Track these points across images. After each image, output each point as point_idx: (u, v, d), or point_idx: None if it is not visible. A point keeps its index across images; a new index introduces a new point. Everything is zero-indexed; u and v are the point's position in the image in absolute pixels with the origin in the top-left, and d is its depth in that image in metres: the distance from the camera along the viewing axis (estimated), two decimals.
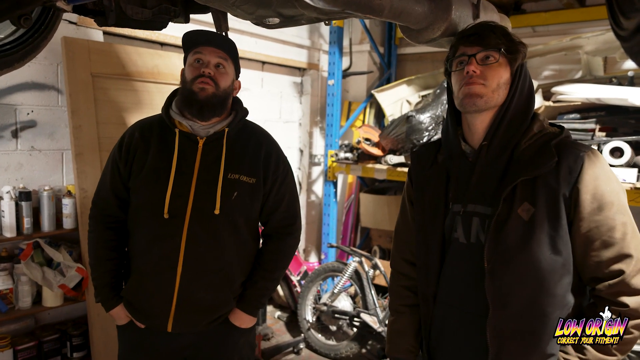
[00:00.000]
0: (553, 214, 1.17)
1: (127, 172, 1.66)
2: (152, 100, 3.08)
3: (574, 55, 3.45)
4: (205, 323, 1.65)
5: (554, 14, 3.70)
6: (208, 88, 1.56)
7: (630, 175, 2.55)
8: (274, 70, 4.25)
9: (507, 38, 1.23)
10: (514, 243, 1.19)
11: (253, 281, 1.71)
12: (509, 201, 1.21)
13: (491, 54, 1.22)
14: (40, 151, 2.77)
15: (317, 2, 1.02)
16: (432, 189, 1.39)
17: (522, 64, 1.27)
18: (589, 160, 1.17)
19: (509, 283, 1.20)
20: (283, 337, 3.81)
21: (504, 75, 1.23)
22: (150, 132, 1.68)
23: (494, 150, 1.27)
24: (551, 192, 1.18)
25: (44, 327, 2.80)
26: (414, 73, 4.34)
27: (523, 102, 1.27)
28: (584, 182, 1.16)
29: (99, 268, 1.70)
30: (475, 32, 1.25)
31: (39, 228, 2.65)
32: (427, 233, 1.39)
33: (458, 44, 1.28)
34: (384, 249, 4.32)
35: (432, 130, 3.25)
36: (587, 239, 1.18)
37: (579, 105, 3.01)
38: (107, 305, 1.69)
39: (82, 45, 2.76)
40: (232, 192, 1.61)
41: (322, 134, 4.65)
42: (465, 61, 1.25)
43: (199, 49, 1.60)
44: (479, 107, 1.24)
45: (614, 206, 1.16)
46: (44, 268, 2.62)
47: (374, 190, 4.42)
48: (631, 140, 2.64)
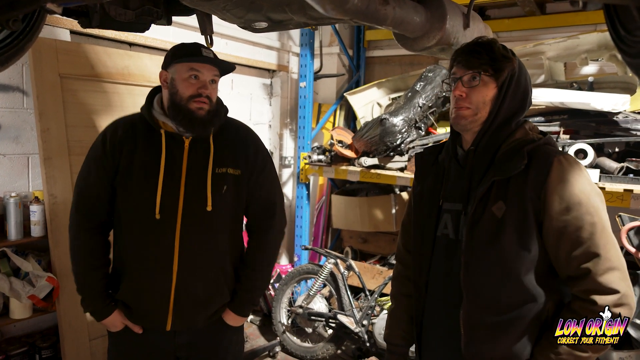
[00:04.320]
0: (522, 213, 1.27)
1: (114, 169, 1.62)
2: (122, 102, 2.99)
3: (537, 61, 3.60)
4: (203, 319, 1.68)
5: (516, 20, 3.85)
6: (205, 107, 1.60)
7: (593, 175, 2.69)
8: (244, 72, 4.21)
9: (491, 57, 1.33)
10: (486, 238, 1.30)
11: (242, 282, 1.74)
12: (485, 200, 1.31)
13: (476, 75, 1.33)
14: (4, 156, 2.63)
15: (329, 12, 1.03)
16: (429, 187, 1.51)
17: (512, 75, 1.34)
18: (558, 163, 1.26)
19: (479, 275, 1.31)
20: (257, 340, 3.79)
21: (489, 93, 1.34)
22: (134, 131, 1.65)
23: (478, 155, 1.37)
24: (521, 193, 1.27)
25: (10, 341, 2.67)
26: (382, 75, 4.41)
27: (512, 109, 1.35)
28: (552, 184, 1.25)
29: (88, 278, 1.66)
30: (462, 54, 1.36)
31: (5, 236, 2.52)
32: (422, 228, 1.50)
33: (452, 64, 1.40)
34: (355, 250, 4.37)
35: (405, 133, 3.32)
36: (558, 239, 1.26)
37: (543, 108, 3.15)
38: (100, 314, 1.66)
39: (50, 44, 2.65)
40: (222, 186, 1.65)
41: (292, 136, 4.64)
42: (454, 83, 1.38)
43: (197, 66, 1.58)
44: (465, 127, 1.38)
45: (582, 206, 1.23)
46: (11, 278, 2.49)
47: (345, 191, 4.46)
48: (593, 142, 2.80)
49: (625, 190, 2.54)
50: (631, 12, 0.97)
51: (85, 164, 1.68)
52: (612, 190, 2.58)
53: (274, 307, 3.67)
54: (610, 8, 1.14)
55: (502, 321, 1.29)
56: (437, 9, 1.34)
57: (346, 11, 1.04)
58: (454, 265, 1.38)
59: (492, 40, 1.36)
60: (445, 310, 1.41)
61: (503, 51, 1.34)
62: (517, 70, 1.34)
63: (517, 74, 1.35)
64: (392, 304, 1.68)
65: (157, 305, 1.61)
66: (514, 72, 1.34)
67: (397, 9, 1.17)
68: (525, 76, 1.37)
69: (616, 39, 1.11)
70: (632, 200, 2.53)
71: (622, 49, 1.10)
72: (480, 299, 1.31)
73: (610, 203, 2.61)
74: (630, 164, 2.66)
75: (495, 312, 1.30)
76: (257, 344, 3.68)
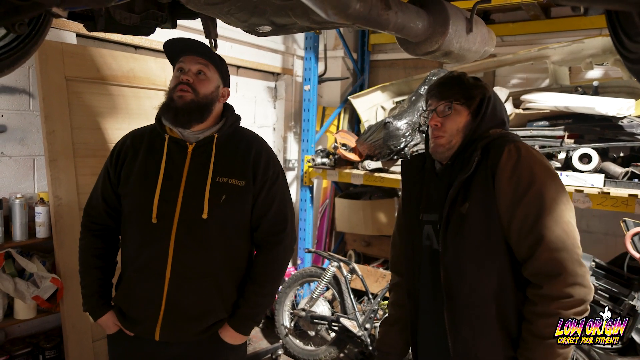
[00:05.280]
0: (482, 205, 1.33)
1: (116, 178, 1.67)
2: (127, 105, 3.00)
3: (541, 65, 3.60)
4: (194, 333, 1.61)
5: (521, 24, 3.85)
6: (186, 95, 1.57)
7: (598, 180, 2.69)
8: (248, 75, 4.23)
9: (461, 87, 1.45)
10: (455, 235, 1.37)
11: (245, 297, 1.66)
12: (454, 204, 1.39)
13: (449, 105, 1.45)
14: (10, 157, 2.66)
15: (331, 17, 1.03)
16: (412, 197, 1.57)
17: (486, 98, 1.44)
18: (508, 152, 1.33)
19: (455, 275, 1.37)
20: (260, 343, 3.79)
21: (462, 120, 1.45)
22: (141, 140, 1.69)
23: (455, 168, 1.45)
24: (480, 186, 1.35)
25: (14, 341, 2.68)
26: (387, 79, 4.42)
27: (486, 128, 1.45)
28: (501, 172, 1.32)
29: (87, 277, 1.70)
30: (435, 87, 1.50)
31: (11, 237, 2.53)
32: (409, 239, 1.56)
33: (427, 98, 1.53)
34: (359, 253, 4.37)
35: (409, 137, 3.32)
36: (509, 224, 1.31)
37: (547, 113, 3.15)
38: (95, 314, 1.68)
39: (56, 47, 2.67)
40: (221, 195, 1.59)
41: (296, 139, 4.65)
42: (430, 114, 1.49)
43: (182, 59, 1.63)
44: (442, 156, 1.49)
45: (530, 191, 1.29)
46: (15, 279, 2.50)
47: (348, 195, 4.46)
48: (598, 147, 2.79)
49: (630, 195, 2.53)
50: (633, 18, 0.97)
51: (101, 171, 1.75)
52: (617, 195, 2.57)
53: (276, 309, 3.67)
54: (612, 14, 1.15)
55: (480, 314, 1.34)
56: (440, 13, 1.34)
57: (348, 16, 1.04)
58: (439, 274, 1.42)
59: (461, 73, 1.50)
60: (435, 316, 1.45)
61: (473, 81, 1.46)
62: (492, 94, 1.45)
63: (492, 98, 1.44)
64: (388, 312, 1.74)
65: (147, 313, 1.59)
66: (487, 95, 1.44)
67: (399, 14, 1.18)
68: (499, 102, 1.48)
69: (617, 45, 1.12)
70: (636, 206, 2.52)
71: (623, 55, 1.11)
72: (458, 297, 1.36)
73: (615, 208, 2.61)
74: (635, 168, 2.65)
75: (472, 307, 1.35)
76: (259, 347, 3.69)
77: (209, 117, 1.65)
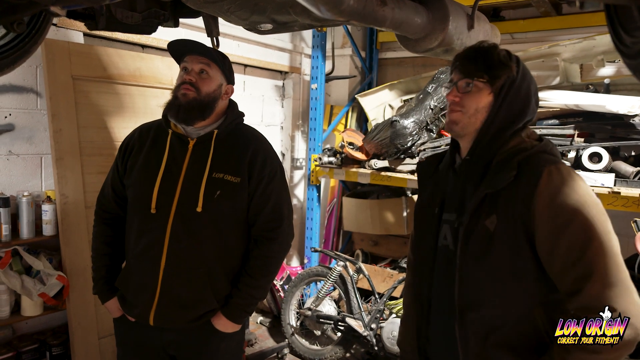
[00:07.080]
0: (513, 227, 1.22)
1: (123, 169, 1.76)
2: (134, 104, 3.02)
3: (552, 62, 3.54)
4: (185, 320, 1.67)
5: (531, 21, 3.79)
6: (189, 93, 1.64)
7: (608, 180, 2.64)
8: (255, 74, 4.23)
9: (487, 63, 1.28)
10: (478, 253, 1.26)
11: (238, 288, 1.72)
12: (478, 213, 1.27)
13: (470, 82, 1.30)
14: (18, 156, 2.68)
15: (324, 13, 1.02)
16: (428, 196, 1.48)
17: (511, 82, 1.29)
18: (548, 174, 1.20)
19: (471, 292, 1.28)
20: (266, 342, 3.79)
21: (483, 100, 1.30)
22: (147, 134, 1.78)
23: (472, 165, 1.34)
24: (511, 206, 1.23)
25: (21, 338, 2.72)
26: (395, 77, 4.38)
27: (509, 117, 1.31)
28: (540, 198, 1.19)
29: (97, 262, 1.80)
30: (460, 59, 1.33)
31: (18, 235, 2.56)
32: (424, 237, 1.47)
33: (451, 69, 1.37)
34: (366, 253, 4.34)
35: (416, 135, 3.29)
36: (550, 255, 1.20)
37: (557, 111, 3.09)
38: (102, 297, 1.79)
39: (63, 47, 2.69)
40: (215, 190, 1.65)
41: (304, 138, 4.64)
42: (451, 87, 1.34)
43: (186, 59, 1.68)
44: (456, 133, 1.35)
45: (574, 221, 1.17)
46: (22, 276, 2.54)
47: (356, 194, 4.44)
48: (608, 145, 2.73)
49: None
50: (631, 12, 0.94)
51: (113, 163, 1.84)
52: (628, 195, 2.51)
53: (283, 308, 3.67)
54: (611, 8, 1.11)
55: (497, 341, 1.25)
56: (439, 10, 1.32)
57: (341, 12, 1.03)
58: (453, 278, 1.34)
59: (492, 45, 1.32)
60: (448, 321, 1.37)
61: (502, 57, 1.29)
62: (519, 76, 1.29)
63: (517, 81, 1.29)
64: (404, 312, 1.65)
65: (143, 299, 1.66)
66: (513, 79, 1.29)
67: (396, 10, 1.16)
68: (528, 83, 1.31)
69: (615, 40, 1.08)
70: None
71: (620, 50, 1.07)
72: (473, 315, 1.28)
73: (626, 208, 2.55)
74: None
75: (488, 330, 1.26)
76: (265, 346, 3.68)
77: (211, 114, 1.71)
